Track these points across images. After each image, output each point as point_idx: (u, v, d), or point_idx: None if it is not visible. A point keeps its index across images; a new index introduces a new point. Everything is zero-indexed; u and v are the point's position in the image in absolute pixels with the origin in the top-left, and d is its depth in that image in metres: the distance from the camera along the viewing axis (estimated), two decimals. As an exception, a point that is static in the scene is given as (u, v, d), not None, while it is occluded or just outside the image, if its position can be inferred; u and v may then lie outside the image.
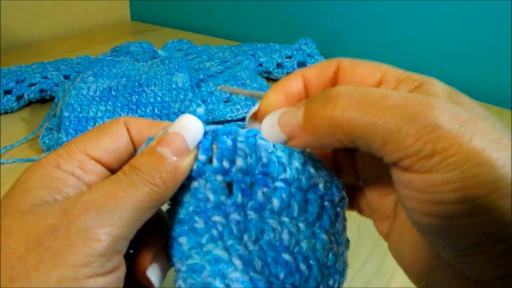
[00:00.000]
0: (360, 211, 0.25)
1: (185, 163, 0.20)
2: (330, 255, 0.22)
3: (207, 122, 0.22)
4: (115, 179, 0.20)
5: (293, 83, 0.23)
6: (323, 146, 0.20)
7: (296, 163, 0.22)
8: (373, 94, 0.18)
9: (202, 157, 0.21)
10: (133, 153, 0.22)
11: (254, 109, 0.23)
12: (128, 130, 0.22)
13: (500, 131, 0.17)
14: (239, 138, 0.21)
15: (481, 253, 0.17)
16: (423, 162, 0.16)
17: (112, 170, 0.22)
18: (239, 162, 0.21)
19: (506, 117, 0.65)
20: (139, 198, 0.19)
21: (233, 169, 0.21)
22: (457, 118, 0.16)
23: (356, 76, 0.22)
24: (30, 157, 0.52)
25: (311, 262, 0.21)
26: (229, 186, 0.21)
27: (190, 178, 0.21)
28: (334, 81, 0.23)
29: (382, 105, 0.17)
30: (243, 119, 0.60)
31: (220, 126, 0.22)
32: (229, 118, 0.58)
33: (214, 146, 0.21)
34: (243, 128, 0.22)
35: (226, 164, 0.21)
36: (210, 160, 0.21)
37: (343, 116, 0.18)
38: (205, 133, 0.21)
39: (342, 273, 0.22)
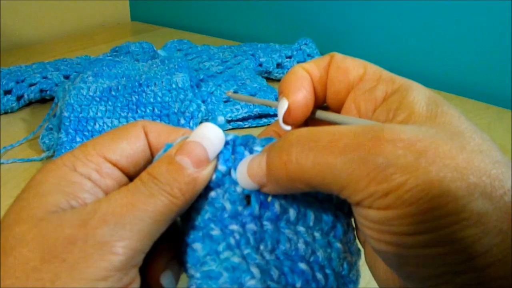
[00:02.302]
0: None
1: (205, 174, 0.20)
2: (345, 264, 0.22)
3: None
4: (133, 188, 0.19)
5: (303, 78, 0.23)
6: (290, 192, 0.20)
7: None
8: (324, 138, 0.17)
9: (222, 168, 0.21)
10: (150, 158, 0.22)
11: (282, 111, 0.22)
12: (146, 134, 0.22)
13: (472, 152, 0.16)
14: (256, 148, 0.21)
15: (441, 285, 0.16)
16: (380, 201, 0.16)
17: (129, 175, 0.22)
18: None
19: (506, 117, 0.65)
20: (158, 210, 0.19)
21: None
22: (411, 148, 0.16)
23: (342, 69, 0.23)
24: (30, 157, 0.52)
25: (327, 271, 0.21)
26: (247, 196, 0.21)
27: (207, 187, 0.21)
28: (327, 73, 0.23)
29: (333, 151, 0.17)
30: (243, 119, 0.60)
31: (238, 135, 0.22)
32: (229, 118, 0.58)
33: (233, 157, 0.21)
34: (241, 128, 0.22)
35: None
36: (229, 171, 0.21)
37: (297, 168, 0.18)
38: (226, 143, 0.21)
39: (355, 282, 0.22)
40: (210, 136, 0.20)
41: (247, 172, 0.20)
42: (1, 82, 0.63)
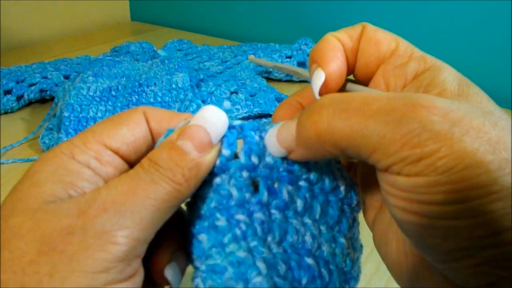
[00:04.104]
0: None
1: (208, 159, 0.19)
2: (348, 260, 0.21)
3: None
4: (134, 175, 0.18)
5: (336, 47, 0.22)
6: (319, 157, 0.19)
7: (321, 163, 0.21)
8: (356, 101, 0.17)
9: (227, 152, 0.20)
10: (152, 145, 0.21)
11: (319, 83, 0.21)
12: (147, 120, 0.21)
13: (503, 129, 0.16)
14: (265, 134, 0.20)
15: (465, 258, 0.16)
16: (411, 167, 0.15)
17: (130, 163, 0.20)
18: (268, 157, 0.20)
19: (506, 117, 0.65)
20: (160, 197, 0.18)
21: (261, 165, 0.20)
22: (446, 117, 0.15)
23: (373, 42, 0.22)
24: (30, 157, 0.52)
25: (331, 267, 0.20)
26: (253, 183, 0.20)
27: (212, 173, 0.20)
28: (358, 43, 0.23)
29: (365, 113, 0.16)
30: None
31: (245, 122, 0.21)
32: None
33: (239, 141, 0.20)
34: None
35: (255, 159, 0.20)
36: (234, 155, 0.20)
37: (328, 128, 0.17)
38: (232, 127, 0.20)
39: (356, 279, 0.22)
40: (213, 119, 0.19)
41: (276, 137, 0.20)
42: (1, 82, 0.63)
